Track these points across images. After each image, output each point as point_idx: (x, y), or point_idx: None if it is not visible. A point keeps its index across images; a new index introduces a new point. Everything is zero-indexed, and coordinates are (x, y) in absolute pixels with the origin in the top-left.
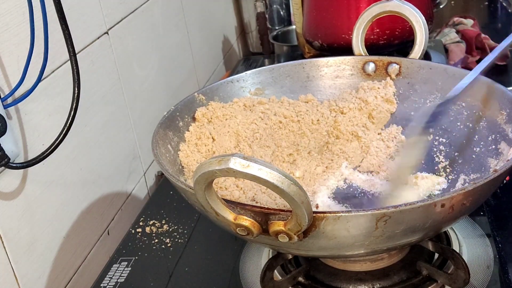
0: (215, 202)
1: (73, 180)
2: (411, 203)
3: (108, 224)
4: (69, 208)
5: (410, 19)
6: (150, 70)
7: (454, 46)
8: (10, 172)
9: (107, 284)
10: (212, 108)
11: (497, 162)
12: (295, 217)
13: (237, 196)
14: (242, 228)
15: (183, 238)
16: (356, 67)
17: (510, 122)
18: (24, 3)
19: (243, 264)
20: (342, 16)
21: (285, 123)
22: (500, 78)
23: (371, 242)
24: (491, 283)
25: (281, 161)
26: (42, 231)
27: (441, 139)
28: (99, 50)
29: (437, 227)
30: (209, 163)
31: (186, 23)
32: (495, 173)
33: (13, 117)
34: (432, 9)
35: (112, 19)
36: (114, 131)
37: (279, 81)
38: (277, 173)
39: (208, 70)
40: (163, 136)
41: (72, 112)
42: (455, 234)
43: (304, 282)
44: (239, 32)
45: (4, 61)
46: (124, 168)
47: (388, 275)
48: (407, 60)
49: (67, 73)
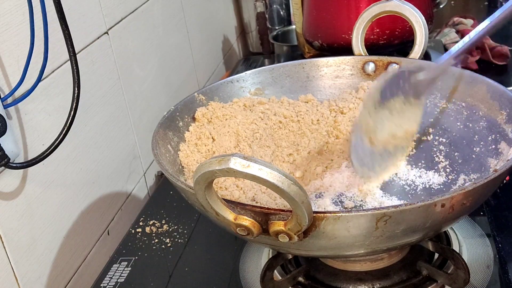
0: (215, 202)
1: (73, 180)
2: (411, 203)
3: (108, 224)
4: (69, 208)
5: (410, 19)
6: (150, 70)
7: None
8: (10, 172)
9: (107, 284)
10: (212, 108)
11: (497, 162)
12: (295, 217)
13: (237, 196)
14: (242, 228)
15: (183, 238)
16: (356, 67)
17: (510, 122)
18: (24, 3)
19: (243, 264)
20: (342, 16)
21: (285, 123)
22: (500, 78)
23: (371, 242)
24: (491, 283)
25: (281, 161)
26: (42, 231)
27: (441, 139)
28: (99, 50)
29: (437, 227)
30: (209, 163)
31: (186, 23)
32: (495, 173)
33: (13, 117)
34: (432, 9)
35: (112, 19)
36: (114, 131)
37: (279, 81)
38: (277, 173)
39: (208, 70)
40: (163, 136)
41: (72, 112)
42: (455, 234)
43: (304, 282)
44: (239, 32)
45: (4, 61)
46: (124, 168)
47: (388, 275)
48: (407, 60)
49: (67, 73)
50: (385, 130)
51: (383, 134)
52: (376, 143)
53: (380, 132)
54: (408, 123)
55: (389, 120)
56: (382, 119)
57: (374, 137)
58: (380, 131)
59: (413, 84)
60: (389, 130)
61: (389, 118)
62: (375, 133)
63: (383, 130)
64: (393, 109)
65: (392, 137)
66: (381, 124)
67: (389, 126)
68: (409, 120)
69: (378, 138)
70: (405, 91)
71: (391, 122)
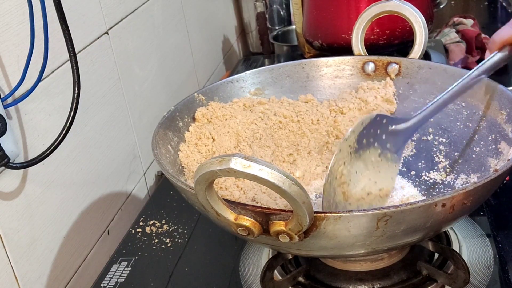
0: (216, 202)
1: (73, 180)
2: (411, 203)
3: (108, 224)
4: (69, 208)
5: (410, 19)
6: (150, 70)
7: (454, 46)
8: (10, 172)
9: (107, 284)
10: (212, 108)
11: (497, 162)
12: (296, 217)
13: (237, 196)
14: (243, 228)
15: (183, 238)
16: (355, 67)
17: (510, 122)
18: (24, 3)
19: (243, 264)
20: (342, 16)
21: (285, 123)
22: (500, 78)
23: (372, 242)
24: (491, 283)
25: (281, 161)
26: (42, 231)
27: (441, 139)
28: (99, 50)
29: (438, 227)
30: (209, 163)
31: (186, 23)
32: (495, 172)
33: (13, 117)
34: (432, 9)
35: (112, 19)
36: (114, 131)
37: (279, 81)
38: (278, 173)
39: (208, 70)
40: (163, 136)
41: (72, 112)
42: (455, 234)
43: (304, 282)
44: (239, 32)
45: (4, 61)
46: (124, 168)
47: (388, 275)
48: (407, 60)
49: (67, 73)
50: (359, 185)
51: (356, 189)
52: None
53: (354, 186)
54: (383, 181)
55: (364, 175)
56: (356, 172)
57: (347, 191)
58: (353, 185)
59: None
60: (363, 186)
61: (363, 172)
62: (348, 186)
63: (357, 185)
64: (368, 162)
65: (366, 194)
66: (355, 178)
67: (363, 181)
68: (385, 177)
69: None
70: (382, 142)
71: (366, 177)
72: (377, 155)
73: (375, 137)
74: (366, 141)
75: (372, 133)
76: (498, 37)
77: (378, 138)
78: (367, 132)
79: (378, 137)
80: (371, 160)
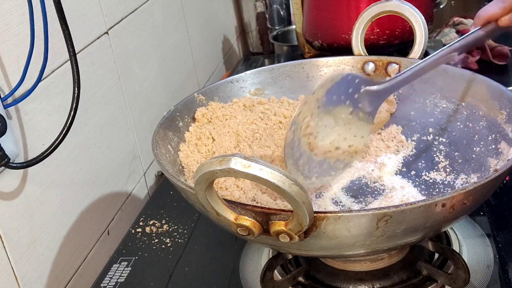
0: (216, 202)
1: (73, 180)
2: (412, 203)
3: (108, 224)
4: (69, 208)
5: (410, 19)
6: (150, 70)
7: None
8: (10, 172)
9: (107, 284)
10: (212, 108)
11: (497, 162)
12: (296, 217)
13: (237, 196)
14: (243, 228)
15: (183, 238)
16: (355, 67)
17: (510, 122)
18: (24, 3)
19: (243, 264)
20: (342, 16)
21: (285, 123)
22: (500, 78)
23: (372, 242)
24: (491, 283)
25: (281, 161)
26: (42, 231)
27: (441, 139)
28: (99, 50)
29: (438, 227)
30: (210, 163)
31: (186, 23)
32: (495, 172)
33: (13, 117)
34: (432, 9)
35: (112, 19)
36: (114, 131)
37: (279, 81)
38: (278, 173)
39: (208, 70)
40: (163, 136)
41: (72, 112)
42: (455, 234)
43: (304, 282)
44: (239, 32)
45: (4, 61)
46: (124, 168)
47: (388, 275)
48: (407, 60)
49: (67, 73)
50: (327, 138)
51: (324, 142)
52: (315, 150)
53: (322, 139)
54: (353, 138)
55: (333, 129)
56: (325, 126)
57: (313, 142)
58: (321, 138)
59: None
60: (332, 140)
61: (332, 127)
62: (315, 138)
63: (325, 138)
64: (338, 118)
65: (334, 148)
66: (323, 131)
67: (332, 135)
68: (355, 135)
69: (319, 145)
70: (354, 101)
71: (335, 132)
72: (348, 112)
73: (346, 95)
74: (337, 98)
75: (344, 90)
76: (484, 13)
77: (349, 97)
78: (337, 89)
79: (349, 95)
80: (342, 117)
